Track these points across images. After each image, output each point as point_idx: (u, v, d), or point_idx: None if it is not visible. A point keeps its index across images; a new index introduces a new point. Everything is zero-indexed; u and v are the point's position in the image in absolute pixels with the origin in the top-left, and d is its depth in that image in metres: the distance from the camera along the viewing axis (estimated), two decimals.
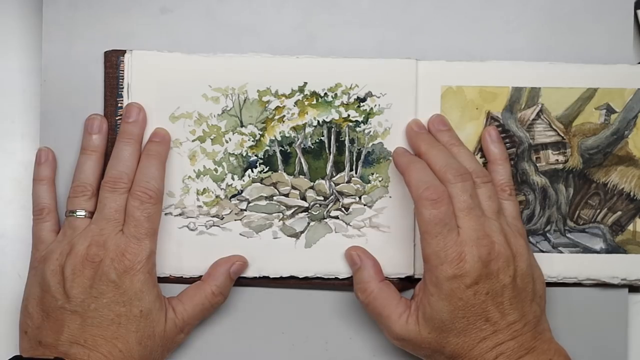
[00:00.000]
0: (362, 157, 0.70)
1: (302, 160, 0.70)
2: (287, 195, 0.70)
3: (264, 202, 0.70)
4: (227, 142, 0.69)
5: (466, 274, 0.61)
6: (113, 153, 0.67)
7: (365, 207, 0.70)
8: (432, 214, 0.62)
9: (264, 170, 0.70)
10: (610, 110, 0.71)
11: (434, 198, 0.62)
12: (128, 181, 0.66)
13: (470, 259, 0.61)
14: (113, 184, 0.65)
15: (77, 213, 0.66)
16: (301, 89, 0.70)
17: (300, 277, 0.70)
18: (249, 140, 0.69)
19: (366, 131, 0.70)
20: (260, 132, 0.70)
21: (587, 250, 0.71)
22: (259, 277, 0.70)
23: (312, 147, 0.70)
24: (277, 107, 0.70)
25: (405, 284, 0.70)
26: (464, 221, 0.63)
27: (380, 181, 0.70)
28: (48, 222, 0.67)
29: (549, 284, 0.70)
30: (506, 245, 0.63)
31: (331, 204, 0.70)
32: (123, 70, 0.69)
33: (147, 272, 0.64)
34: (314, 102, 0.70)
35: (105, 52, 0.69)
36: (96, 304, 0.62)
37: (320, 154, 0.70)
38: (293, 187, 0.70)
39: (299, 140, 0.70)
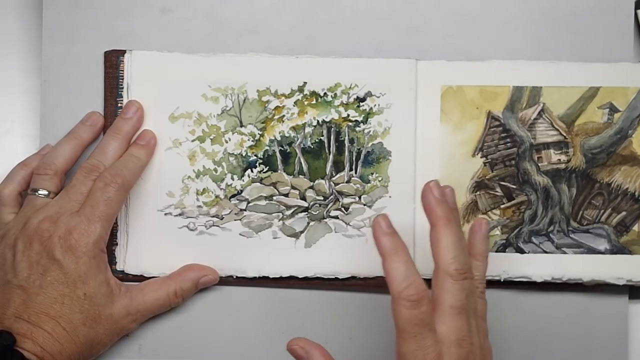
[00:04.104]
0: (362, 156, 0.70)
1: (302, 160, 0.70)
2: (286, 195, 0.70)
3: (263, 202, 0.70)
4: (226, 142, 0.70)
5: None
6: (99, 144, 0.68)
7: (365, 207, 0.70)
8: (413, 314, 0.55)
9: (264, 170, 0.70)
10: (613, 109, 0.70)
11: (415, 299, 0.55)
12: None
13: None
14: (89, 171, 0.66)
15: (39, 192, 0.66)
16: (301, 89, 0.70)
17: (300, 277, 0.70)
18: (248, 140, 0.70)
19: (366, 131, 0.70)
20: (260, 132, 0.70)
21: (591, 251, 0.70)
22: (259, 277, 0.70)
23: (312, 147, 0.70)
24: (277, 107, 0.70)
25: None
26: (451, 320, 0.56)
27: (380, 181, 0.70)
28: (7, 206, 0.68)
29: (552, 285, 0.69)
30: (480, 348, 0.58)
31: (331, 203, 0.70)
32: (123, 70, 0.69)
33: (92, 257, 0.64)
34: (314, 102, 0.70)
35: (105, 52, 0.69)
36: (41, 281, 0.63)
37: (319, 154, 0.70)
38: (293, 187, 0.70)
39: (299, 140, 0.70)
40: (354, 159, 0.70)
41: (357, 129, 0.70)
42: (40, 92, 0.70)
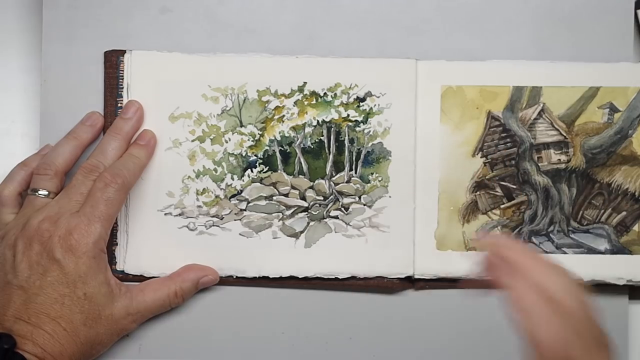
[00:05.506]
0: (362, 156, 0.70)
1: (302, 160, 0.70)
2: (286, 195, 0.70)
3: (263, 202, 0.70)
4: (226, 142, 0.70)
5: None
6: (99, 144, 0.68)
7: (365, 207, 0.70)
8: None
9: (264, 170, 0.70)
10: (613, 109, 0.70)
11: None
12: None
13: None
14: (89, 171, 0.66)
15: (39, 192, 0.66)
16: (301, 89, 0.70)
17: (300, 277, 0.70)
18: (248, 140, 0.70)
19: (366, 131, 0.70)
20: (260, 132, 0.70)
21: (591, 251, 0.70)
22: (259, 277, 0.70)
23: (312, 146, 0.70)
24: (277, 107, 0.70)
25: (405, 284, 0.69)
26: None
27: (379, 181, 0.70)
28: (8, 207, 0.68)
29: None
30: None
31: (331, 203, 0.70)
32: (123, 70, 0.69)
33: (92, 257, 0.63)
34: (314, 101, 0.70)
35: (105, 52, 0.69)
36: (41, 281, 0.62)
37: (319, 154, 0.70)
38: (293, 187, 0.70)
39: (299, 140, 0.70)
40: (354, 159, 0.70)
41: (357, 129, 0.70)
42: (40, 92, 0.70)
